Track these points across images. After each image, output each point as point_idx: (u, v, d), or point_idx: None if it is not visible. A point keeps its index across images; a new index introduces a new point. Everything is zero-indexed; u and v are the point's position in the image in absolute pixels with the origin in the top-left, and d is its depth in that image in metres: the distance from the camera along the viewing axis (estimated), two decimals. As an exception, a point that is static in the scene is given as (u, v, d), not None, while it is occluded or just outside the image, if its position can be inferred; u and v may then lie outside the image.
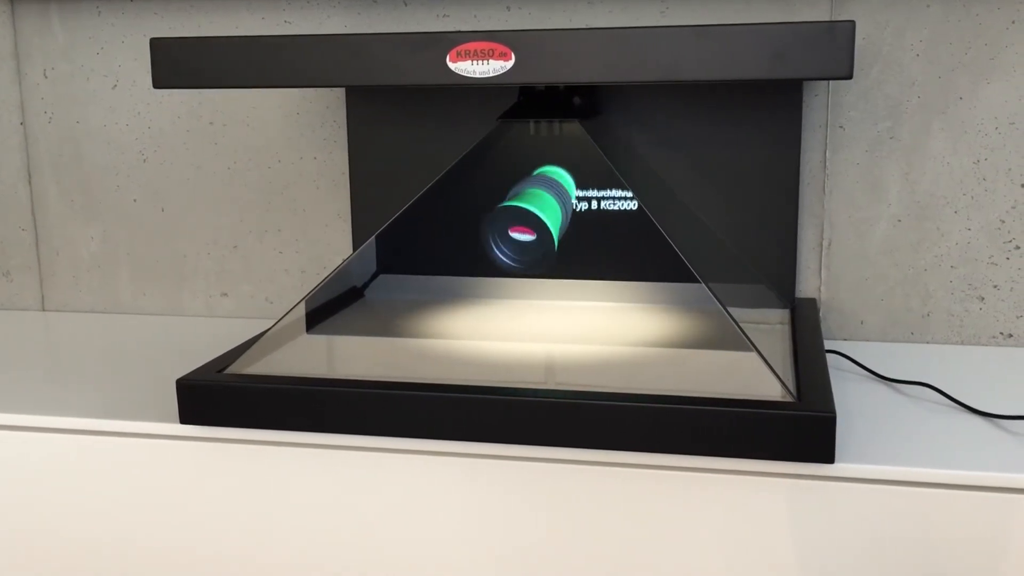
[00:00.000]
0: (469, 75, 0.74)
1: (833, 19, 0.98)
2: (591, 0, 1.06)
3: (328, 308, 1.01)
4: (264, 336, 0.88)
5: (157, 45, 0.77)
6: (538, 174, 0.97)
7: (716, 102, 1.00)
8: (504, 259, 0.97)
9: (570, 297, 1.05)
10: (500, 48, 0.73)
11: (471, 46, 0.73)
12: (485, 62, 0.73)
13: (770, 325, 0.97)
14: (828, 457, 0.73)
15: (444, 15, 1.09)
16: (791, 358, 0.87)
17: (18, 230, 1.24)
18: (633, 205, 0.98)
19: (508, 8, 1.07)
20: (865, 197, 1.04)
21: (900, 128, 1.02)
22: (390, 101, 1.07)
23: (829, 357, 1.00)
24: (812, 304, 1.05)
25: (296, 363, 0.89)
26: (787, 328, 0.95)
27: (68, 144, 1.20)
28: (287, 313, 0.89)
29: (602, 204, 0.99)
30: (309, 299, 0.94)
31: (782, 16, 1.02)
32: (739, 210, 1.02)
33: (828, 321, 1.07)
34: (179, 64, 0.77)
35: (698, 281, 0.82)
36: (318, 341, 0.96)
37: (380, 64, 0.74)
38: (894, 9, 1.00)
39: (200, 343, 1.09)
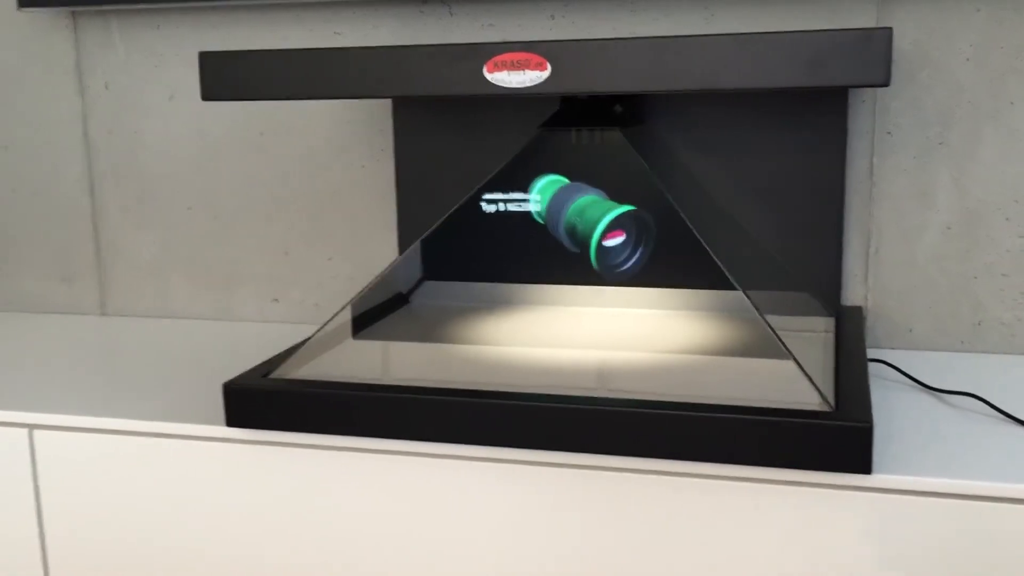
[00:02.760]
0: (506, 85, 0.74)
1: (879, 24, 0.97)
2: (634, 9, 1.06)
3: (373, 314, 1.03)
4: (308, 342, 0.90)
5: (206, 58, 0.80)
6: (570, 184, 0.97)
7: (760, 109, 1.00)
8: (606, 268, 0.97)
9: (611, 303, 1.05)
10: (536, 59, 0.74)
11: (508, 56, 0.74)
12: (522, 72, 0.74)
13: (813, 333, 0.96)
14: (865, 468, 0.72)
15: (489, 24, 1.10)
16: (832, 367, 0.86)
17: (80, 238, 1.28)
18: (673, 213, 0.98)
19: (552, 17, 1.08)
20: (913, 204, 1.03)
21: (950, 134, 1.01)
22: (436, 110, 1.08)
23: (874, 366, 0.99)
24: (858, 312, 1.04)
25: (340, 367, 0.91)
26: (831, 336, 0.95)
27: (127, 154, 1.24)
28: (331, 319, 0.91)
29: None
30: (355, 305, 0.95)
31: (828, 22, 1.02)
32: (784, 217, 1.01)
33: (875, 330, 1.06)
34: (226, 77, 0.79)
35: (738, 288, 0.82)
36: (363, 346, 0.98)
37: (419, 75, 0.75)
38: (943, 14, 0.99)
39: (251, 347, 1.12)
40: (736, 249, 1.02)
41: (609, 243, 0.95)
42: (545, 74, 0.74)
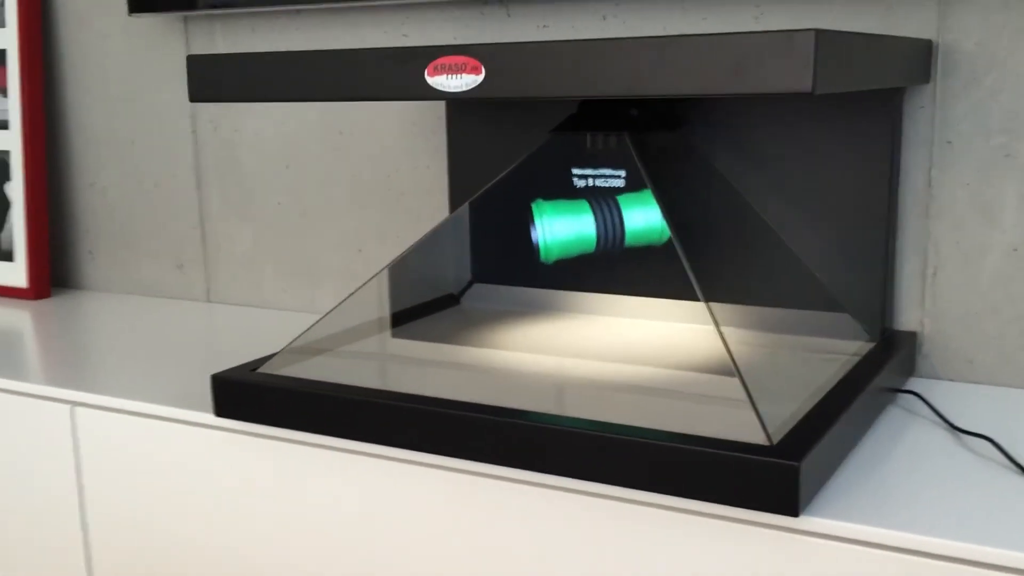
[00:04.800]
0: (444, 89, 0.74)
1: (941, 22, 0.89)
2: (685, 8, 1.01)
3: (417, 311, 1.04)
4: (296, 340, 0.93)
5: (192, 61, 0.84)
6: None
7: (805, 114, 0.93)
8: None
9: (629, 313, 1.02)
10: (472, 62, 0.72)
11: (445, 60, 0.73)
12: (459, 76, 0.73)
13: (833, 356, 0.88)
14: (791, 510, 0.66)
15: (544, 25, 1.08)
16: (818, 396, 0.79)
17: (190, 228, 1.37)
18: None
19: (604, 17, 1.05)
20: (976, 222, 0.92)
21: (1018, 144, 0.90)
22: (488, 111, 1.08)
23: (905, 398, 0.90)
24: (910, 339, 0.95)
25: (320, 367, 0.93)
26: (852, 362, 0.87)
27: (228, 150, 1.31)
28: (320, 319, 0.93)
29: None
30: (398, 302, 0.99)
31: (882, 20, 0.93)
32: (829, 233, 0.94)
33: (931, 358, 0.96)
34: (208, 79, 0.83)
35: (701, 299, 0.77)
36: (392, 343, 1.00)
37: (363, 79, 0.76)
38: (1012, 9, 0.88)
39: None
40: (774, 264, 0.96)
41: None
42: (480, 78, 0.72)
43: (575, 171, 0.96)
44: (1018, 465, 0.74)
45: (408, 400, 0.79)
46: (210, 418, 0.90)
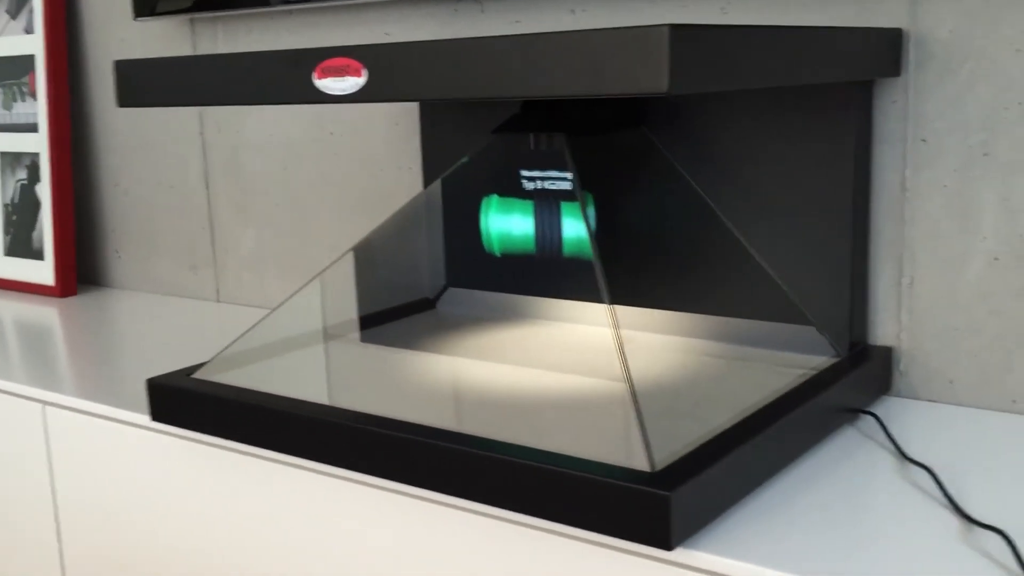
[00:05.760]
0: (331, 92, 0.71)
1: (913, 10, 0.81)
2: (654, 1, 0.96)
3: (389, 316, 1.02)
4: (231, 345, 0.91)
5: (119, 66, 0.83)
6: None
7: (772, 112, 0.86)
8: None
9: (597, 321, 0.97)
10: (355, 64, 0.69)
11: (331, 63, 0.70)
12: (343, 79, 0.70)
13: (787, 372, 0.82)
14: (663, 542, 0.61)
15: (516, 21, 1.04)
16: (736, 418, 0.73)
17: (200, 229, 1.38)
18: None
19: (572, 11, 1.00)
20: (954, 227, 0.84)
21: (997, 142, 0.81)
22: (459, 113, 1.05)
23: (865, 420, 0.83)
24: (884, 354, 0.87)
25: (271, 371, 0.91)
26: (803, 380, 0.80)
27: (231, 152, 1.31)
28: (255, 325, 0.91)
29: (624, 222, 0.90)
30: (368, 305, 0.97)
31: (855, 14, 0.86)
32: (793, 238, 0.87)
33: (909, 376, 0.88)
34: (132, 85, 0.82)
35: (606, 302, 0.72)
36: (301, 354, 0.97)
37: (259, 83, 0.74)
38: (989, -7, 0.80)
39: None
40: (734, 271, 0.90)
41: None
42: (362, 80, 0.69)
43: (523, 173, 0.92)
44: (953, 502, 0.67)
45: (297, 408, 0.77)
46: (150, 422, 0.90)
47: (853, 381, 0.82)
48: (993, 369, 0.84)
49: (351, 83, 0.70)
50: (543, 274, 0.99)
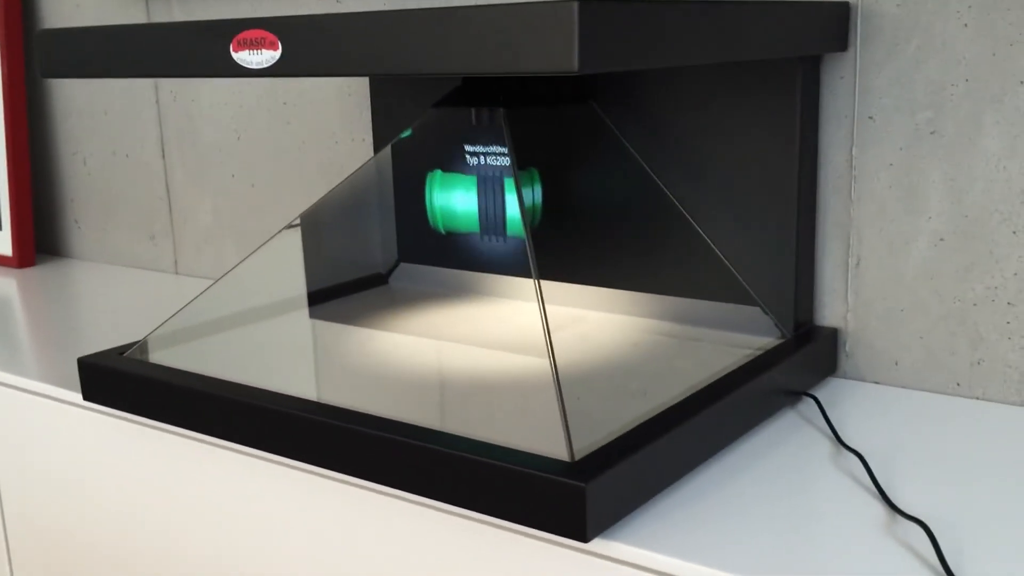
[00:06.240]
0: (248, 65, 0.68)
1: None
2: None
3: (340, 291, 1.00)
4: (166, 323, 0.90)
5: (40, 37, 0.80)
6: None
7: (721, 88, 0.84)
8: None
9: (550, 300, 0.95)
10: (270, 37, 0.67)
11: (247, 35, 0.68)
12: (259, 52, 0.68)
13: (728, 352, 0.80)
14: (579, 534, 0.60)
15: (466, -10, 1.02)
16: (669, 403, 0.71)
17: (157, 199, 1.36)
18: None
19: (522, -20, 0.98)
20: (900, 207, 0.82)
21: (943, 120, 0.79)
22: (408, 86, 1.02)
23: (807, 403, 0.81)
24: (831, 335, 0.85)
25: (210, 348, 0.89)
26: (742, 361, 0.78)
27: (187, 121, 1.29)
28: (192, 300, 0.89)
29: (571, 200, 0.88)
30: (318, 279, 0.95)
31: (799, -20, 0.83)
32: (738, 216, 0.85)
33: (855, 358, 0.86)
34: (52, 56, 0.80)
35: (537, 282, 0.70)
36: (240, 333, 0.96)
37: (179, 54, 0.71)
38: (937, -34, 0.78)
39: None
40: (679, 249, 0.88)
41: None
42: (277, 54, 0.67)
43: (467, 148, 0.90)
44: (881, 491, 0.66)
45: (219, 389, 0.75)
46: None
47: (796, 363, 0.81)
48: (937, 351, 0.82)
49: (267, 56, 0.67)
50: (486, 250, 0.98)
